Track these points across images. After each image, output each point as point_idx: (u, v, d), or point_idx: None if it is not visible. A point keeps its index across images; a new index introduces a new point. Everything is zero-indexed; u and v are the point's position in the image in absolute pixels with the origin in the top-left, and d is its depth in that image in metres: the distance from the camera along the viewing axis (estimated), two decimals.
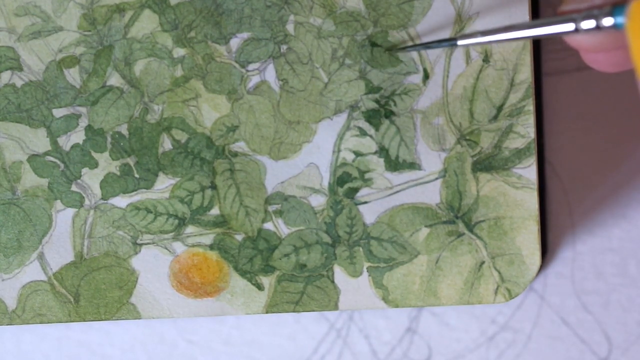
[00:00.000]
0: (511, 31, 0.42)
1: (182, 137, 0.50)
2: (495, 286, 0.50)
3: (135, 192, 0.50)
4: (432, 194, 0.50)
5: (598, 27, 0.38)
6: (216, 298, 0.50)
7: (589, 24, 0.39)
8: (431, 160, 0.50)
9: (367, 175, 0.50)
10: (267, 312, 0.50)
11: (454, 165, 0.50)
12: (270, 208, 0.50)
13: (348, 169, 0.50)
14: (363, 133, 0.50)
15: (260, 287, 0.50)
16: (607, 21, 0.38)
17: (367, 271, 0.50)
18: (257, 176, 0.50)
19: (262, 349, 0.53)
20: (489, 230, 0.50)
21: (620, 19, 0.38)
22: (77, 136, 0.50)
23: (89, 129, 0.50)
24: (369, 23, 0.49)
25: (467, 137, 0.49)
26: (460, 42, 0.45)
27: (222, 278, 0.50)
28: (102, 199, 0.50)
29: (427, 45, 0.48)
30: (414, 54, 0.49)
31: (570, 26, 0.39)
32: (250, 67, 0.50)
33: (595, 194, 0.52)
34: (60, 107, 0.50)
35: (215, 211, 0.50)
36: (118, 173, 0.50)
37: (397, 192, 0.50)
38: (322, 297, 0.50)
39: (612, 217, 0.52)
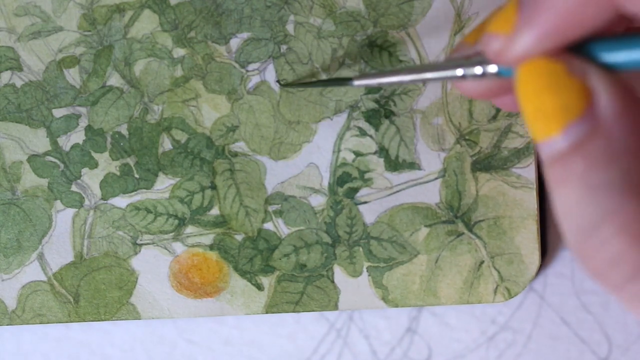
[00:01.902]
0: (402, 74, 0.41)
1: (182, 137, 0.50)
2: (495, 285, 0.50)
3: (135, 192, 0.50)
4: (431, 194, 0.50)
5: (484, 74, 0.37)
6: (216, 298, 0.50)
7: (476, 70, 0.38)
8: (431, 160, 0.50)
9: (367, 175, 0.50)
10: (267, 312, 0.50)
11: (454, 165, 0.50)
12: (270, 208, 0.50)
13: (348, 169, 0.50)
14: (363, 133, 0.50)
15: (260, 287, 0.50)
16: (492, 68, 0.38)
17: (367, 271, 0.50)
18: (257, 176, 0.50)
19: (262, 349, 0.53)
20: (488, 229, 0.50)
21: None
22: (77, 136, 0.50)
23: (89, 129, 0.50)
24: (369, 23, 0.49)
25: (467, 137, 0.50)
26: (356, 83, 0.44)
27: (222, 278, 0.50)
28: (102, 199, 0.50)
29: (324, 83, 0.48)
30: (414, 54, 0.49)
31: (459, 72, 0.38)
32: (250, 67, 0.50)
33: None
34: (60, 107, 0.50)
35: (215, 211, 0.50)
36: (118, 173, 0.50)
37: (397, 192, 0.50)
38: (322, 297, 0.50)
39: None
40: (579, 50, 0.34)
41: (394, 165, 0.50)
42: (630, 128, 0.33)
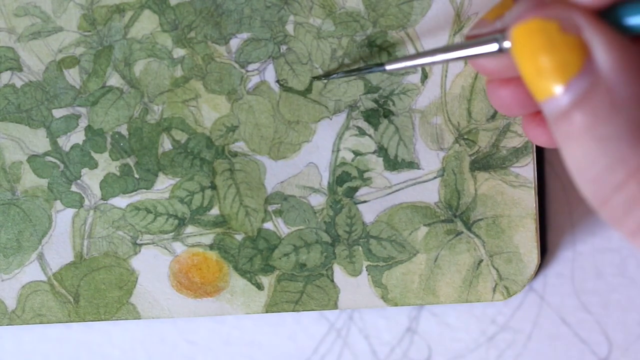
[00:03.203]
0: (435, 54, 0.42)
1: (182, 137, 0.50)
2: (494, 284, 0.50)
3: (135, 193, 0.50)
4: (430, 193, 0.50)
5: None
6: (216, 298, 0.50)
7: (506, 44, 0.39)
8: (430, 160, 0.50)
9: (366, 175, 0.50)
10: (267, 312, 0.50)
11: (452, 164, 0.50)
12: (270, 208, 0.50)
13: (347, 168, 0.50)
14: (362, 132, 0.50)
15: (260, 286, 0.50)
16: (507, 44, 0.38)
17: (367, 270, 0.50)
18: (256, 176, 0.50)
19: (262, 349, 0.53)
20: (487, 228, 0.50)
21: None
22: (77, 136, 0.50)
23: (88, 129, 0.50)
24: (368, 23, 0.49)
25: (465, 137, 0.50)
26: (388, 67, 0.45)
27: (222, 278, 0.50)
28: (102, 199, 0.50)
29: (357, 71, 0.48)
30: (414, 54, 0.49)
31: (493, 46, 0.39)
32: (250, 67, 0.50)
33: None
34: (60, 107, 0.50)
35: (215, 211, 0.50)
36: (118, 173, 0.50)
37: (396, 191, 0.50)
38: (322, 296, 0.50)
39: None
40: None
41: (393, 164, 0.50)
42: (631, 78, 0.34)
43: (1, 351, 0.53)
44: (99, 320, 0.51)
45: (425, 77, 0.49)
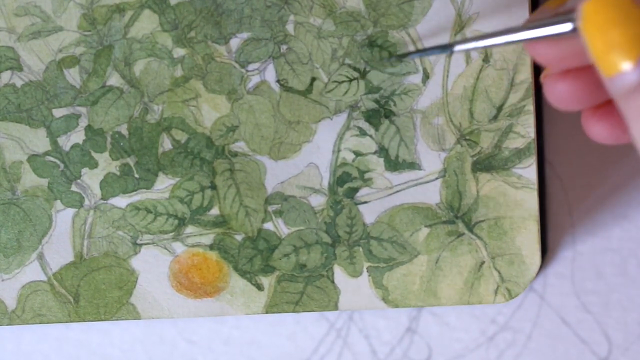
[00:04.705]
0: (507, 34, 0.41)
1: (182, 137, 0.50)
2: (495, 286, 0.50)
3: (135, 192, 0.50)
4: (432, 194, 0.50)
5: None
6: (216, 298, 0.50)
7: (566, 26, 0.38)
8: (431, 160, 0.50)
9: (367, 175, 0.50)
10: (267, 312, 0.50)
11: (454, 165, 0.50)
12: (270, 208, 0.50)
13: (348, 168, 0.50)
14: (363, 133, 0.50)
15: (260, 287, 0.50)
16: None
17: (367, 271, 0.50)
18: (257, 176, 0.50)
19: (262, 349, 0.53)
20: (488, 230, 0.50)
21: None
22: (77, 136, 0.50)
23: (88, 129, 0.50)
24: (369, 23, 0.49)
25: (467, 137, 0.50)
26: (457, 48, 0.45)
27: (222, 278, 0.50)
28: (102, 199, 0.50)
29: (426, 51, 0.48)
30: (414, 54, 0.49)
31: (567, 26, 0.38)
32: (250, 67, 0.50)
33: (595, 194, 0.52)
34: (60, 107, 0.50)
35: (215, 211, 0.50)
36: (118, 173, 0.50)
37: (397, 191, 0.50)
38: (322, 297, 0.50)
39: (612, 217, 0.52)
40: None
41: (394, 165, 0.50)
42: None
43: (1, 351, 0.53)
44: (99, 320, 0.51)
45: (426, 77, 0.49)
